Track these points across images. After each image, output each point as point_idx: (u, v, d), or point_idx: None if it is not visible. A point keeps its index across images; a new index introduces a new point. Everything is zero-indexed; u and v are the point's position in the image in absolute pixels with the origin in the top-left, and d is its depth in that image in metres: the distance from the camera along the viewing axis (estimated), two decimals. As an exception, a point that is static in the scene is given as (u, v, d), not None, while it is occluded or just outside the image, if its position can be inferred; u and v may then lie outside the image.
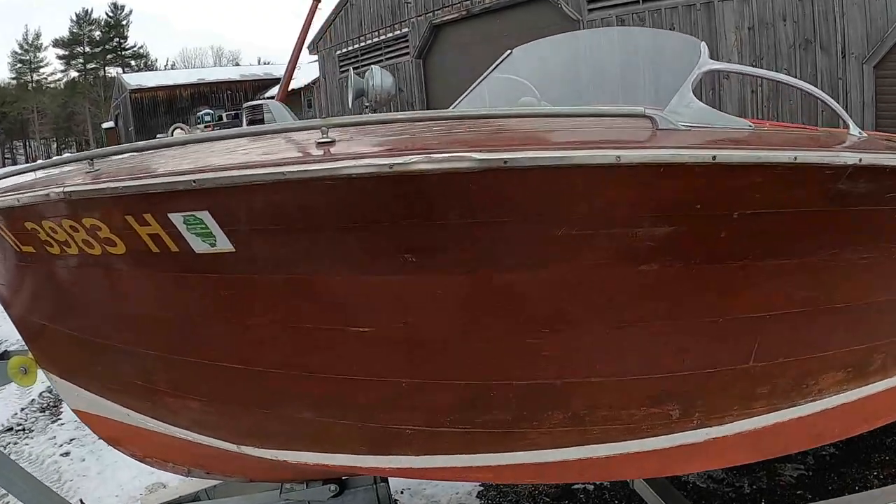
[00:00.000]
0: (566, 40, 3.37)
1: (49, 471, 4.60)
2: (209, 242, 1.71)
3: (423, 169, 1.37)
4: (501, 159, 1.32)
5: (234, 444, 2.32)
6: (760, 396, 2.12)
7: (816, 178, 1.74)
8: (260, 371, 2.01)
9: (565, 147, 1.47)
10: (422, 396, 1.93)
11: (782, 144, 1.91)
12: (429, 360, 1.84)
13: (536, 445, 2.06)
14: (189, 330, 2.02)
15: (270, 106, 12.27)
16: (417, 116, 1.72)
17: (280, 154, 1.73)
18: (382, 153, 1.42)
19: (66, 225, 1.88)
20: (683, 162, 1.55)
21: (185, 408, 2.29)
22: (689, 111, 1.99)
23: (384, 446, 2.11)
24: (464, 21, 14.32)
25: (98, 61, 64.79)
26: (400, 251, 1.59)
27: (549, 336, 1.76)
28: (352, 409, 2.02)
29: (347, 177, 1.39)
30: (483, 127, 1.87)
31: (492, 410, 1.96)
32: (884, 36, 7.76)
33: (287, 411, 2.11)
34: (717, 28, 9.33)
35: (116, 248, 1.87)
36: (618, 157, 1.43)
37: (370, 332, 1.78)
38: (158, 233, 1.75)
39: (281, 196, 1.52)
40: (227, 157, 1.85)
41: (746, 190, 1.69)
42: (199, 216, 1.64)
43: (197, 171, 1.56)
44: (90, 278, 2.07)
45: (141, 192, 1.65)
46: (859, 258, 1.97)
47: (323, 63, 20.02)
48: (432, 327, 1.75)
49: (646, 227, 1.63)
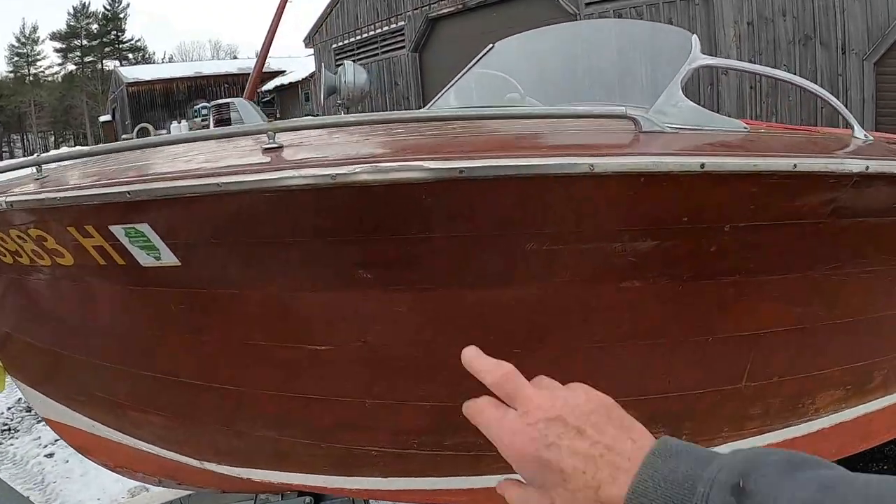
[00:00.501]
0: (554, 32, 3.21)
1: (33, 472, 4.59)
2: (154, 256, 1.59)
3: (367, 180, 1.22)
4: (457, 168, 1.17)
5: (197, 461, 2.25)
6: (753, 417, 1.99)
7: (818, 188, 1.58)
8: (216, 388, 1.91)
9: (533, 153, 1.32)
10: (386, 417, 1.81)
11: (780, 150, 1.74)
12: (392, 380, 1.71)
13: (510, 469, 1.93)
14: (144, 344, 1.94)
15: (237, 104, 12.01)
16: (373, 119, 1.58)
17: (222, 161, 1.59)
18: (327, 162, 1.28)
19: (14, 235, 1.80)
20: (667, 171, 1.39)
21: (147, 422, 2.23)
22: (678, 111, 1.83)
23: (349, 467, 2.01)
24: (460, 15, 14.19)
25: (95, 54, 64.74)
26: (352, 267, 1.46)
27: (522, 357, 1.62)
28: (314, 428, 1.91)
29: (287, 188, 1.25)
30: (447, 130, 1.72)
31: (461, 433, 1.83)
32: (885, 32, 7.64)
33: (247, 429, 2.01)
34: (716, 23, 9.20)
35: (64, 259, 1.78)
36: (591, 166, 1.27)
37: (327, 350, 1.65)
38: (103, 245, 1.64)
39: (220, 208, 1.39)
40: (171, 164, 1.73)
41: (740, 201, 1.53)
42: (139, 229, 1.51)
43: (133, 181, 1.43)
44: (43, 289, 1.99)
45: (79, 203, 1.53)
46: (862, 271, 1.82)
47: (319, 57, 19.88)
48: (393, 346, 1.62)
49: (626, 241, 1.48)
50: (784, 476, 0.53)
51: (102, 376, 2.13)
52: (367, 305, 1.55)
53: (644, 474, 0.58)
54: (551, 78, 3.14)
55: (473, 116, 1.65)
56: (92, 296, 1.88)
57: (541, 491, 0.64)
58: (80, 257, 1.73)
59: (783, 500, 0.51)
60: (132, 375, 2.05)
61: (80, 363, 2.15)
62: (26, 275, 1.95)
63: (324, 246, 1.44)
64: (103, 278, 1.78)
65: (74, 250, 1.72)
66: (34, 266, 1.87)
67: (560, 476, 0.62)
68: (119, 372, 2.07)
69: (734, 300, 1.73)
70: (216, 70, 46.32)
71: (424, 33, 15.41)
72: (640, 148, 1.55)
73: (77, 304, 1.95)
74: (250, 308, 1.64)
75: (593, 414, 0.65)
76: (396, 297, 1.51)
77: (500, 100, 3.00)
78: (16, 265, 1.92)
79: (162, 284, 1.68)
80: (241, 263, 1.55)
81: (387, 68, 16.91)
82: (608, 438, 0.63)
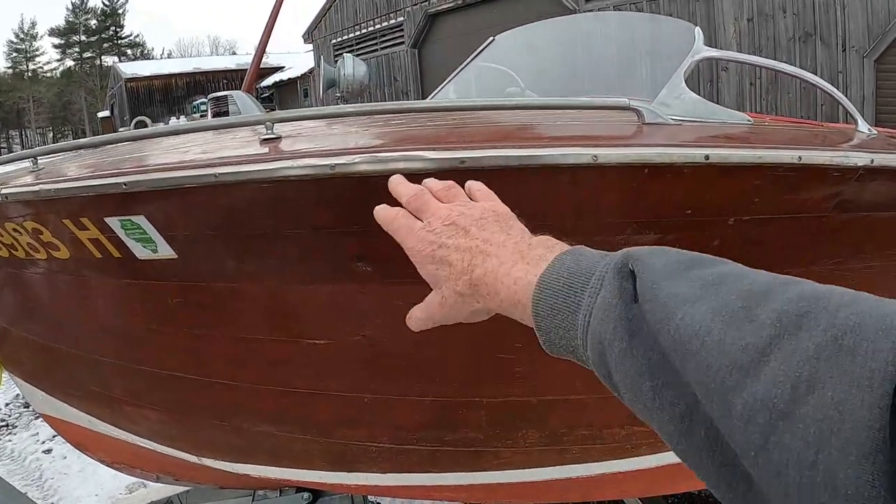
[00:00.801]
0: (554, 26, 3.18)
1: (31, 468, 4.61)
2: (150, 248, 1.57)
3: (367, 170, 1.20)
4: (458, 158, 1.14)
5: (195, 456, 2.24)
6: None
7: (822, 181, 1.56)
8: (214, 383, 1.89)
9: (536, 144, 1.30)
10: (385, 413, 1.79)
11: (785, 142, 1.72)
12: (391, 375, 1.69)
13: (511, 465, 1.92)
14: (141, 339, 1.92)
15: (235, 97, 11.89)
16: (372, 109, 1.55)
17: (219, 153, 1.57)
18: (326, 152, 1.25)
19: (10, 228, 1.78)
20: (671, 162, 1.37)
21: (144, 418, 2.21)
22: (681, 103, 1.80)
23: (348, 463, 1.99)
24: (460, 10, 14.16)
25: (94, 50, 64.68)
26: (351, 259, 1.43)
27: (523, 351, 1.60)
28: (312, 424, 1.89)
29: (284, 179, 1.23)
30: (447, 121, 1.70)
31: (462, 428, 1.81)
32: (885, 29, 7.63)
33: (244, 425, 1.99)
34: (716, 19, 9.19)
35: (60, 252, 1.76)
36: (594, 157, 1.25)
37: (326, 344, 1.63)
38: (99, 237, 1.62)
39: (218, 199, 1.36)
40: (167, 155, 1.71)
41: (744, 194, 1.50)
42: (135, 221, 1.49)
43: (129, 172, 1.41)
44: (39, 283, 1.97)
45: (74, 195, 1.51)
46: (864, 266, 1.80)
47: (318, 52, 19.85)
48: (392, 340, 1.59)
49: (628, 234, 1.45)
50: (675, 273, 0.56)
51: (99, 371, 2.11)
52: (365, 299, 1.52)
53: (551, 268, 0.66)
54: (552, 71, 3.12)
55: (474, 107, 1.62)
56: (88, 289, 1.86)
57: (435, 290, 0.78)
58: (76, 250, 1.71)
59: (663, 295, 0.54)
60: (129, 370, 2.04)
61: (76, 358, 2.14)
62: (22, 269, 1.93)
63: (322, 238, 1.42)
64: (99, 271, 1.76)
65: (70, 243, 1.70)
66: (30, 260, 1.85)
67: (448, 270, 0.74)
68: (116, 367, 2.06)
69: None
70: (215, 66, 46.26)
71: (423, 29, 15.38)
72: (643, 139, 1.52)
73: (73, 298, 1.93)
74: (248, 302, 1.62)
75: (482, 219, 0.77)
76: (396, 291, 1.49)
77: (500, 93, 2.97)
78: (11, 259, 1.90)
79: (159, 278, 1.66)
80: (238, 256, 1.52)
81: (386, 64, 16.88)
82: (487, 234, 0.74)
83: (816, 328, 0.45)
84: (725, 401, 0.46)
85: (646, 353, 0.55)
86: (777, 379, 0.44)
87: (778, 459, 0.43)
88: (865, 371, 0.41)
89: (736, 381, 0.46)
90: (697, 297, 0.52)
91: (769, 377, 0.45)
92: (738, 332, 0.48)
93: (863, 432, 0.39)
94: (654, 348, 0.54)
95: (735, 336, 0.48)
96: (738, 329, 0.48)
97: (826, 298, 0.47)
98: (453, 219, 0.77)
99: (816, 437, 0.41)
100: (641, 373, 0.55)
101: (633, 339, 0.56)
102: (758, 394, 0.45)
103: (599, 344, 0.59)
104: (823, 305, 0.46)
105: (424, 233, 0.78)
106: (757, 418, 0.44)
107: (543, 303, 0.65)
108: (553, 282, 0.65)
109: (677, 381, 0.52)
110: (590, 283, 0.62)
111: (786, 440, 0.42)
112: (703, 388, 0.49)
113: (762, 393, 0.44)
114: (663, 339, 0.53)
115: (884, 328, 0.42)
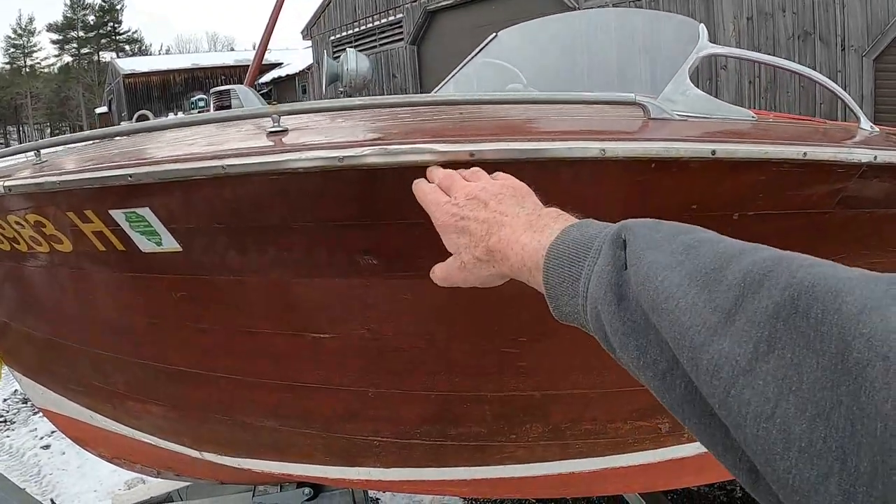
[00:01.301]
0: (556, 22, 3.18)
1: (29, 464, 4.62)
2: (155, 241, 1.56)
3: (376, 162, 1.20)
4: (467, 151, 1.14)
5: (197, 451, 2.23)
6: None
7: (827, 177, 1.56)
8: (216, 377, 1.89)
9: (543, 138, 1.30)
10: (389, 407, 1.79)
11: (789, 138, 1.72)
12: (396, 369, 1.69)
13: (515, 459, 1.92)
14: (143, 333, 1.91)
15: (238, 91, 11.83)
16: (378, 102, 1.55)
17: (225, 145, 1.56)
18: (335, 144, 1.25)
19: (12, 221, 1.77)
20: (678, 157, 1.37)
21: (146, 412, 2.20)
22: (686, 99, 1.81)
23: (351, 457, 1.98)
24: (459, 7, 14.14)
25: (92, 46, 64.48)
26: (358, 252, 1.43)
27: (527, 345, 1.60)
28: (315, 418, 1.88)
29: (293, 171, 1.23)
30: (453, 115, 1.69)
31: (465, 423, 1.81)
32: (884, 29, 7.63)
33: (247, 419, 1.98)
34: (716, 18, 9.19)
35: (63, 245, 1.75)
36: (602, 151, 1.25)
37: (330, 338, 1.63)
38: (102, 230, 1.61)
39: (224, 191, 1.36)
40: (172, 148, 1.70)
41: (749, 189, 1.50)
42: (140, 213, 1.48)
43: (134, 164, 1.40)
44: (41, 276, 1.96)
45: (78, 187, 1.50)
46: (866, 263, 1.81)
47: (317, 49, 19.82)
48: (398, 335, 1.59)
49: None
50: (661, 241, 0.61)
51: (100, 366, 2.10)
52: (371, 293, 1.52)
53: (559, 238, 0.73)
54: (554, 67, 3.12)
55: (481, 101, 1.62)
56: (91, 283, 1.85)
57: (455, 257, 0.87)
58: (79, 243, 1.70)
59: (646, 261, 0.59)
60: (131, 364, 2.03)
61: (77, 352, 2.13)
62: (24, 262, 1.92)
63: (329, 231, 1.42)
64: (103, 265, 1.75)
65: (73, 236, 1.69)
66: (32, 253, 1.84)
67: (468, 238, 0.84)
68: (117, 361, 2.05)
69: None
70: (213, 62, 46.17)
71: (423, 26, 15.36)
72: (650, 134, 1.52)
73: (75, 291, 1.92)
74: (252, 295, 1.61)
75: (500, 194, 0.86)
76: (402, 285, 1.49)
77: (502, 90, 2.97)
78: (13, 252, 1.89)
79: (163, 271, 1.66)
80: (243, 249, 1.52)
81: (384, 61, 16.85)
82: (504, 207, 0.84)
83: (776, 287, 0.48)
84: (694, 357, 0.50)
85: (632, 315, 0.60)
86: (741, 339, 0.48)
87: (737, 412, 0.46)
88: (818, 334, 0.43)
89: (704, 339, 0.50)
90: (677, 263, 0.57)
91: (734, 335, 0.48)
92: (708, 294, 0.52)
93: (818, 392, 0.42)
94: (638, 311, 0.59)
95: (705, 298, 0.52)
96: (709, 291, 0.52)
97: (788, 259, 0.51)
98: (475, 193, 0.87)
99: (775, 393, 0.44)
100: (628, 333, 0.60)
101: (622, 302, 0.61)
102: (723, 350, 0.48)
103: (595, 308, 0.64)
104: (786, 266, 0.50)
105: (449, 206, 0.88)
106: (720, 373, 0.48)
107: (552, 272, 0.71)
108: (560, 252, 0.71)
109: (658, 340, 0.56)
110: (589, 253, 0.68)
111: (745, 394, 0.46)
112: (677, 345, 0.53)
113: (727, 350, 0.48)
114: (644, 301, 0.57)
115: (833, 290, 0.45)
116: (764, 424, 0.44)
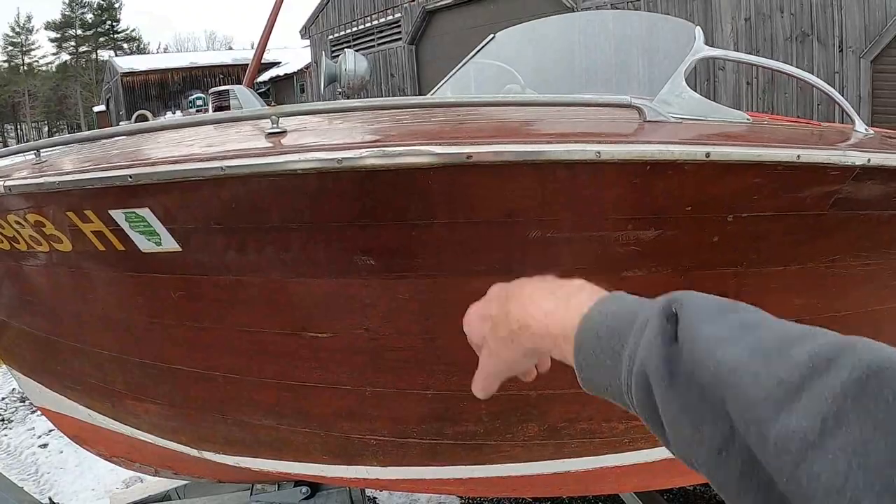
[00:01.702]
0: (554, 23, 3.19)
1: (27, 463, 4.61)
2: (154, 241, 1.57)
3: (374, 164, 1.21)
4: (465, 153, 1.16)
5: (195, 450, 2.24)
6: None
7: (820, 179, 1.58)
8: (215, 376, 1.90)
9: (540, 140, 1.31)
10: (386, 406, 1.80)
11: (783, 141, 1.74)
12: (393, 368, 1.70)
13: (511, 459, 1.93)
14: (143, 332, 1.92)
15: (236, 91, 11.83)
16: (377, 104, 1.56)
17: (224, 146, 1.58)
18: (333, 146, 1.26)
19: (12, 220, 1.78)
20: (673, 159, 1.39)
21: (144, 411, 2.21)
22: (682, 101, 1.83)
23: (349, 456, 1.99)
24: (458, 7, 14.14)
25: (90, 44, 64.36)
26: (355, 253, 1.45)
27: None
28: (313, 417, 1.90)
29: (291, 172, 1.24)
30: (451, 117, 1.71)
31: (462, 422, 1.82)
32: (882, 30, 7.65)
33: (245, 418, 1.99)
34: (714, 18, 9.20)
35: (63, 245, 1.77)
36: (598, 153, 1.27)
37: (329, 337, 1.64)
38: (102, 230, 1.63)
39: (223, 192, 1.37)
40: (172, 149, 1.71)
41: (743, 191, 1.52)
42: (140, 213, 1.50)
43: (134, 164, 1.41)
44: (41, 275, 1.97)
45: (78, 187, 1.52)
46: (860, 265, 1.83)
47: (315, 48, 19.81)
48: (395, 334, 1.61)
49: (630, 230, 1.48)
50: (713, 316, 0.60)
51: (99, 365, 2.11)
52: (369, 293, 1.54)
53: (594, 309, 0.69)
54: (551, 68, 3.13)
55: (478, 103, 1.63)
56: (90, 282, 1.86)
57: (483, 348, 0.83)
58: (78, 243, 1.71)
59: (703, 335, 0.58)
60: (129, 363, 2.04)
61: (76, 351, 2.14)
62: (23, 261, 1.93)
63: (327, 232, 1.43)
64: (102, 264, 1.76)
65: (73, 236, 1.70)
66: (32, 252, 1.85)
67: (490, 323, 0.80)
68: (116, 360, 2.06)
69: (735, 291, 1.73)
70: (211, 61, 46.08)
71: (421, 25, 15.36)
72: (645, 136, 1.54)
73: (75, 290, 1.93)
74: (251, 295, 1.63)
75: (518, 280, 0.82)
76: (399, 285, 1.50)
77: (499, 90, 2.98)
78: (13, 251, 1.90)
79: (162, 271, 1.67)
80: (242, 249, 1.53)
81: (383, 60, 16.85)
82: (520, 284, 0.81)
83: (844, 368, 0.49)
84: (761, 431, 0.51)
85: (685, 390, 0.58)
86: (808, 412, 0.48)
87: (807, 485, 0.47)
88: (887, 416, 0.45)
89: (771, 413, 0.50)
90: (737, 338, 0.56)
91: (801, 411, 0.49)
92: (773, 368, 0.52)
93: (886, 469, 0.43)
94: (693, 386, 0.58)
95: (771, 372, 0.52)
96: (774, 366, 0.52)
97: (854, 344, 0.52)
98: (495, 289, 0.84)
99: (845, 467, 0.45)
100: (681, 409, 0.58)
101: (674, 377, 0.59)
102: (790, 425, 0.49)
103: (645, 384, 0.61)
104: (851, 350, 0.51)
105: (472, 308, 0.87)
106: (789, 447, 0.48)
107: (587, 343, 0.67)
108: (597, 324, 0.67)
109: (713, 417, 0.56)
110: (633, 326, 0.64)
111: (815, 468, 0.46)
112: (741, 420, 0.53)
113: (795, 424, 0.48)
114: (704, 375, 0.56)
115: None
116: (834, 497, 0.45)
